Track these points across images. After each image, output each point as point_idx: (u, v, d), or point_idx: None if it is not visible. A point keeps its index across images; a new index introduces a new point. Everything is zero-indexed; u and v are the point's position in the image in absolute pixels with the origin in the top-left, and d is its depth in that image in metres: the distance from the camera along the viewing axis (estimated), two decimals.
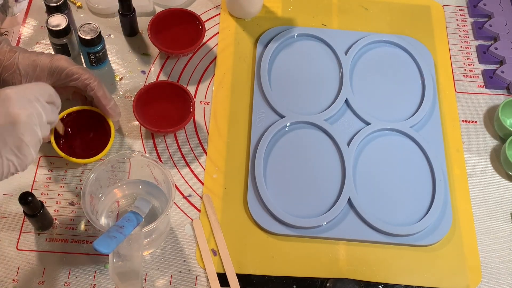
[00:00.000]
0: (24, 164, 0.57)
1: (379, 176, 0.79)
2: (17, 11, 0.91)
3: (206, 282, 0.71)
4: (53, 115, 0.62)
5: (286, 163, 0.80)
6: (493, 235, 0.76)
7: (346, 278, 0.71)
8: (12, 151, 0.56)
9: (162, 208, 0.71)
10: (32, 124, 0.57)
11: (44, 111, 0.59)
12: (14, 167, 0.57)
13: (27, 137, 0.56)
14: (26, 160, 0.57)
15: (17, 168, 0.57)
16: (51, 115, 0.61)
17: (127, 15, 0.86)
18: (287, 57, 0.89)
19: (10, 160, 0.56)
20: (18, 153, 0.56)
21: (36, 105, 0.58)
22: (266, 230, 0.74)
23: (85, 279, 0.70)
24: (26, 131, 0.56)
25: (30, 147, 0.57)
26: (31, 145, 0.57)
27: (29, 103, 0.57)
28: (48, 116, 0.60)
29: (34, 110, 0.58)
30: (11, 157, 0.56)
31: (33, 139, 0.57)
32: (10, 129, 0.55)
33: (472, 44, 0.93)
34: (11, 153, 0.56)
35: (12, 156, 0.56)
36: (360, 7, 0.96)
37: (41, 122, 0.59)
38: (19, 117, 0.55)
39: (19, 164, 0.57)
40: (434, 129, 0.83)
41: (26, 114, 0.56)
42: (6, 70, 0.71)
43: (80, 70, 0.72)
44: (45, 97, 0.60)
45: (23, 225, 0.73)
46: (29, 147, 0.57)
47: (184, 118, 0.78)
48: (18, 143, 0.56)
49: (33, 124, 0.57)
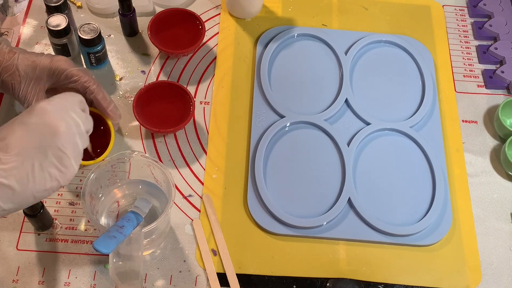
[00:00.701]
0: (67, 178, 0.55)
1: (379, 176, 0.79)
2: (17, 11, 0.91)
3: (206, 282, 0.71)
4: (89, 123, 0.60)
5: (286, 163, 0.80)
6: (493, 235, 0.76)
7: (346, 278, 0.71)
8: (53, 164, 0.53)
9: (162, 208, 0.71)
10: (72, 135, 0.55)
11: (81, 119, 0.57)
12: (56, 181, 0.54)
13: (68, 148, 0.54)
14: (68, 172, 0.55)
15: (59, 182, 0.54)
16: (87, 123, 0.59)
17: (127, 15, 0.86)
18: (287, 57, 0.89)
19: (53, 174, 0.54)
20: (59, 165, 0.54)
21: (73, 115, 0.56)
22: (266, 230, 0.74)
23: (85, 279, 0.70)
24: (67, 143, 0.54)
25: (71, 159, 0.54)
26: (72, 157, 0.55)
27: (66, 113, 0.56)
28: (86, 125, 0.58)
29: (72, 120, 0.56)
30: (53, 170, 0.53)
31: (74, 150, 0.55)
32: (51, 140, 0.53)
33: (472, 44, 0.93)
34: (52, 166, 0.53)
35: (54, 169, 0.53)
36: (360, 7, 0.96)
37: (79, 131, 0.57)
38: (58, 128, 0.54)
39: (61, 178, 0.54)
40: (434, 129, 0.83)
41: (65, 125, 0.55)
42: (6, 71, 0.70)
43: (80, 72, 0.72)
44: (79, 105, 0.59)
45: (23, 225, 0.73)
46: (70, 159, 0.54)
47: (184, 118, 0.78)
48: (60, 155, 0.53)
49: (73, 134, 0.55)
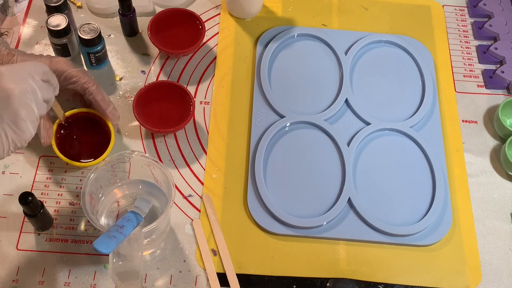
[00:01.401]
0: (23, 139, 0.57)
1: (379, 176, 0.79)
2: (17, 11, 0.91)
3: (206, 282, 0.71)
4: (48, 93, 0.61)
5: (286, 163, 0.80)
6: (493, 235, 0.76)
7: (346, 278, 0.71)
8: (9, 126, 0.55)
9: (162, 208, 0.71)
10: (27, 99, 0.56)
11: (39, 88, 0.59)
12: (13, 143, 0.57)
13: (22, 111, 0.56)
14: (24, 135, 0.57)
15: (16, 144, 0.57)
16: (46, 92, 0.61)
17: (127, 15, 0.86)
18: (287, 57, 0.89)
19: (9, 135, 0.56)
20: (15, 128, 0.56)
21: (30, 81, 0.58)
22: (266, 230, 0.74)
23: (85, 279, 0.70)
24: (21, 106, 0.56)
25: (27, 122, 0.57)
26: (28, 120, 0.57)
27: (22, 79, 0.57)
28: (44, 94, 0.60)
29: (28, 86, 0.57)
30: (9, 132, 0.56)
31: (29, 114, 0.57)
32: (5, 103, 0.55)
33: (472, 44, 0.93)
34: (8, 128, 0.56)
35: (10, 131, 0.56)
36: (360, 7, 0.96)
37: (36, 98, 0.58)
38: (12, 92, 0.55)
39: (18, 140, 0.57)
40: (434, 129, 0.83)
41: (20, 89, 0.56)
42: None
43: (79, 73, 0.72)
44: (39, 75, 0.60)
45: (23, 225, 0.73)
46: (26, 122, 0.56)
47: (184, 118, 0.78)
48: (14, 118, 0.55)
49: (28, 100, 0.57)
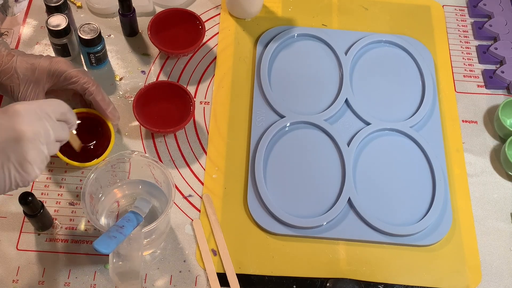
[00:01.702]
0: (26, 180, 0.56)
1: (379, 176, 0.79)
2: (17, 11, 0.91)
3: (206, 282, 0.71)
4: (63, 133, 0.60)
5: (286, 163, 0.80)
6: (493, 235, 0.76)
7: (346, 278, 0.71)
8: (14, 166, 0.54)
9: (162, 208, 0.71)
10: (38, 142, 0.55)
11: (54, 129, 0.57)
12: (16, 183, 0.56)
13: (31, 154, 0.55)
14: (29, 177, 0.56)
15: (18, 184, 0.56)
16: (61, 133, 0.59)
17: (127, 15, 0.86)
18: (287, 57, 0.89)
19: (12, 175, 0.55)
20: (20, 169, 0.55)
21: (45, 123, 0.56)
22: (266, 230, 0.74)
23: (85, 279, 0.70)
24: (31, 149, 0.55)
25: (33, 165, 0.55)
26: (34, 163, 0.55)
27: (38, 121, 0.56)
28: (57, 134, 0.58)
29: (42, 128, 0.56)
30: (13, 172, 0.55)
31: (37, 157, 0.56)
32: (14, 145, 0.54)
33: (472, 44, 0.93)
34: (13, 168, 0.55)
35: (14, 171, 0.55)
36: (360, 7, 0.96)
37: (48, 140, 0.57)
38: (24, 134, 0.54)
39: (21, 181, 0.56)
40: (434, 129, 0.83)
41: (32, 131, 0.55)
42: (4, 74, 0.70)
43: (79, 73, 0.72)
44: (56, 114, 0.59)
45: (23, 225, 0.73)
46: (32, 165, 0.55)
47: (184, 118, 0.78)
48: (21, 160, 0.54)
49: (39, 143, 0.55)
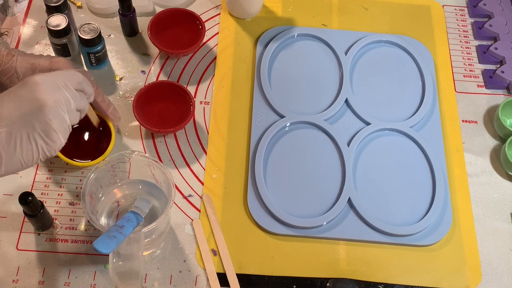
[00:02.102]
0: (53, 149, 0.58)
1: (379, 176, 0.79)
2: (17, 11, 0.91)
3: (206, 282, 0.71)
4: (82, 102, 0.62)
5: (286, 163, 0.80)
6: (493, 235, 0.76)
7: (346, 278, 0.71)
8: (40, 135, 0.56)
9: (162, 208, 0.71)
10: (60, 110, 0.57)
11: (73, 97, 0.59)
12: (43, 152, 0.57)
13: (54, 122, 0.57)
14: (55, 145, 0.58)
15: (45, 153, 0.58)
16: (80, 102, 0.61)
17: (127, 15, 0.86)
18: (287, 57, 0.89)
19: (39, 145, 0.56)
20: (46, 138, 0.57)
21: (64, 91, 0.58)
22: (266, 230, 0.74)
23: (85, 279, 0.70)
24: (54, 117, 0.56)
25: (58, 133, 0.57)
26: (59, 131, 0.57)
27: (57, 89, 0.58)
28: (77, 103, 0.60)
29: (62, 96, 0.58)
30: (40, 142, 0.56)
31: (61, 125, 0.58)
32: (38, 114, 0.56)
33: (472, 44, 0.93)
34: (39, 138, 0.56)
35: (41, 141, 0.56)
36: (360, 7, 0.96)
37: (69, 108, 0.59)
38: (46, 102, 0.56)
39: (48, 149, 0.57)
40: (434, 129, 0.83)
41: (54, 100, 0.57)
42: (4, 74, 0.70)
43: None
44: (73, 84, 0.60)
45: (23, 225, 0.73)
46: (57, 133, 0.57)
47: (184, 118, 0.78)
48: (46, 128, 0.56)
49: (61, 110, 0.57)
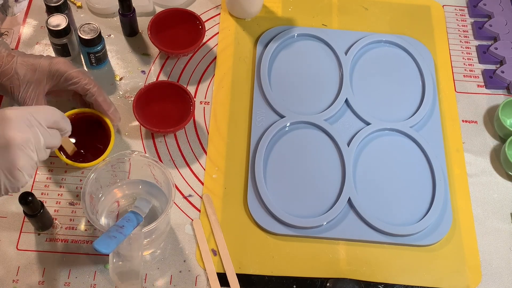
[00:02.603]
0: (16, 187, 0.56)
1: (379, 176, 0.79)
2: (17, 11, 0.91)
3: (206, 282, 0.71)
4: (54, 140, 0.60)
5: (286, 163, 0.80)
6: (493, 235, 0.76)
7: (346, 278, 0.71)
8: (3, 173, 0.54)
9: (162, 208, 0.71)
10: (28, 149, 0.55)
11: (44, 136, 0.57)
12: (5, 189, 0.56)
13: (20, 162, 0.54)
14: (18, 184, 0.56)
15: (8, 190, 0.56)
16: (52, 140, 0.59)
17: (127, 15, 0.86)
18: (287, 57, 0.89)
19: (2, 182, 0.55)
20: (10, 176, 0.55)
21: (35, 129, 0.56)
22: (266, 230, 0.74)
23: (85, 279, 0.70)
24: (20, 156, 0.54)
25: (23, 172, 0.55)
26: (24, 169, 0.55)
27: (28, 127, 0.56)
28: (48, 141, 0.58)
29: (32, 134, 0.56)
30: (2, 179, 0.55)
31: (27, 164, 0.55)
32: (3, 152, 0.54)
33: (472, 44, 0.93)
34: (2, 175, 0.54)
35: (3, 178, 0.55)
36: (360, 7, 0.96)
37: (38, 147, 0.56)
38: (14, 141, 0.54)
39: (10, 187, 0.56)
40: (434, 129, 0.83)
41: (22, 138, 0.54)
42: (4, 75, 0.70)
43: (79, 74, 0.72)
44: (49, 122, 0.59)
45: (23, 225, 0.73)
46: (22, 172, 0.55)
47: (184, 118, 0.78)
48: (10, 167, 0.54)
49: (29, 149, 0.55)
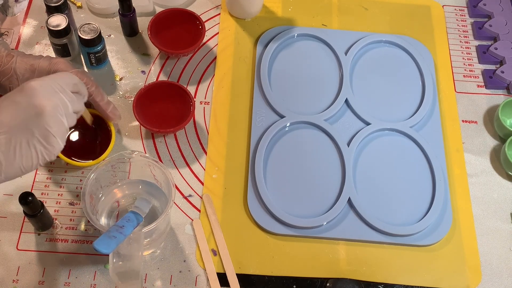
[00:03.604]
0: (52, 154, 0.58)
1: (379, 176, 0.79)
2: (17, 11, 0.91)
3: (206, 282, 0.71)
4: (79, 104, 0.63)
5: (286, 163, 0.80)
6: (493, 235, 0.76)
7: (346, 278, 0.71)
8: (39, 141, 0.57)
9: (162, 208, 0.71)
10: (58, 115, 0.58)
11: (70, 101, 0.60)
12: (43, 157, 0.58)
13: (53, 127, 0.57)
14: (54, 150, 0.58)
15: (45, 158, 0.58)
16: (77, 104, 0.62)
17: (127, 15, 0.86)
18: (287, 57, 0.89)
19: (39, 150, 0.57)
20: (45, 143, 0.57)
21: (61, 95, 0.59)
22: (266, 230, 0.74)
23: (85, 279, 0.70)
24: (52, 122, 0.57)
25: (57, 138, 0.58)
26: (58, 136, 0.58)
27: (54, 94, 0.58)
28: (74, 106, 0.61)
29: (60, 100, 0.58)
30: (39, 147, 0.57)
31: (59, 129, 0.58)
32: (37, 120, 0.56)
33: (472, 44, 0.93)
34: (38, 143, 0.57)
35: (40, 146, 0.57)
36: (360, 7, 0.96)
37: (67, 112, 0.59)
38: (44, 108, 0.56)
39: (47, 154, 0.58)
40: (434, 129, 0.83)
41: (52, 105, 0.57)
42: (3, 75, 0.70)
43: (78, 74, 0.72)
44: (70, 87, 0.61)
45: (23, 225, 0.73)
46: (56, 138, 0.58)
47: (184, 118, 0.78)
48: (45, 134, 0.57)
49: (59, 115, 0.58)
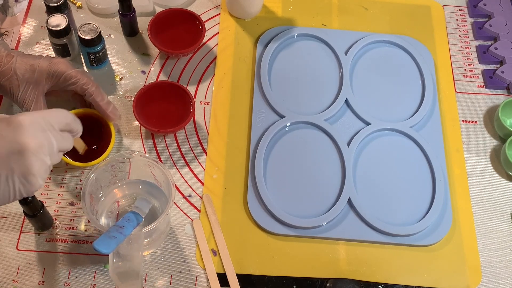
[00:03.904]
0: (31, 191, 0.56)
1: (379, 176, 0.79)
2: (17, 11, 0.91)
3: (206, 282, 0.71)
4: (66, 143, 0.60)
5: (286, 163, 0.80)
6: (493, 235, 0.76)
7: (346, 278, 0.71)
8: (18, 179, 0.54)
9: (162, 208, 0.71)
10: (41, 154, 0.55)
11: (57, 139, 0.57)
12: (20, 193, 0.56)
13: (35, 167, 0.55)
14: (33, 188, 0.56)
15: (22, 195, 0.56)
16: (64, 143, 0.59)
17: (127, 15, 0.86)
18: (287, 57, 0.89)
19: (16, 187, 0.55)
20: (24, 181, 0.55)
21: (49, 134, 0.56)
22: (266, 230, 0.74)
23: (85, 279, 0.70)
24: (34, 161, 0.54)
25: (37, 176, 0.55)
26: (38, 174, 0.55)
27: (41, 132, 0.56)
28: (60, 145, 0.58)
29: (46, 139, 0.56)
30: (17, 184, 0.55)
31: (41, 168, 0.56)
32: (18, 157, 0.54)
33: (472, 44, 0.93)
34: (17, 181, 0.55)
35: (18, 183, 0.55)
36: (360, 7, 0.96)
37: (51, 151, 0.57)
38: (28, 146, 0.54)
39: (25, 191, 0.56)
40: (434, 129, 0.83)
41: (36, 144, 0.54)
42: (3, 75, 0.70)
43: (78, 74, 0.72)
44: (61, 125, 0.59)
45: (23, 225, 0.73)
46: (36, 177, 0.55)
47: (184, 118, 0.78)
48: (25, 172, 0.54)
49: (43, 154, 0.55)
